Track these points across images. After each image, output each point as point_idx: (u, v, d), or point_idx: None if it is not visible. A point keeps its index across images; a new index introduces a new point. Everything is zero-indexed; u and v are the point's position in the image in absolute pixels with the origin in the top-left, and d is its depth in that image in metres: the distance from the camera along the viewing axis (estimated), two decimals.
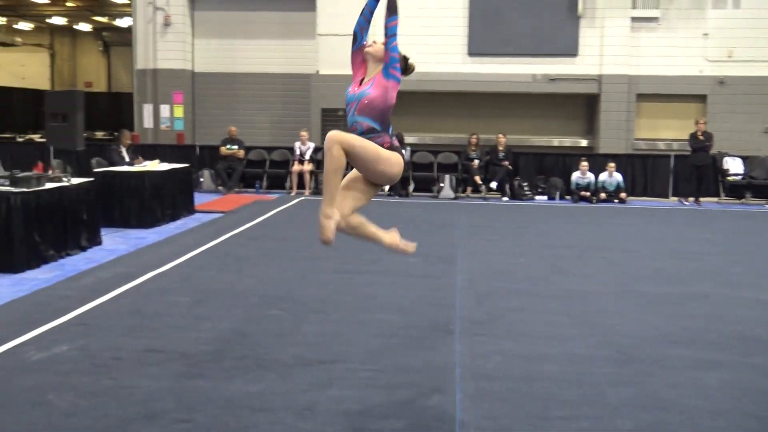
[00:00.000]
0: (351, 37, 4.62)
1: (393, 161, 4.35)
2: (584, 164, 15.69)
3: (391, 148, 4.36)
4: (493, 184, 15.81)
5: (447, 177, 15.95)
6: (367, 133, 4.33)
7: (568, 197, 15.89)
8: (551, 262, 8.83)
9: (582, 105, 18.62)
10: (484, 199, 15.78)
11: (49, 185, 8.50)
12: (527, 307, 6.71)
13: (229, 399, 4.40)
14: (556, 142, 18.65)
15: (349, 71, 4.61)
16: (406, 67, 4.57)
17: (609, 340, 5.75)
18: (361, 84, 4.46)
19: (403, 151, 16.25)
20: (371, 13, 4.58)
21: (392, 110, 4.45)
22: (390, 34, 4.33)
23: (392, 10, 4.31)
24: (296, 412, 4.23)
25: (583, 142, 18.58)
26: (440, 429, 4.09)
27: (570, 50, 17.60)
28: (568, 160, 16.57)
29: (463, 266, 8.46)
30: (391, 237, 4.56)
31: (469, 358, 5.24)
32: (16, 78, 31.93)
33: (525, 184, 16.05)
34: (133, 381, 4.64)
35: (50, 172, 9.23)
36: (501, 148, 16.11)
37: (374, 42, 4.48)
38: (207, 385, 4.58)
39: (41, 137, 21.65)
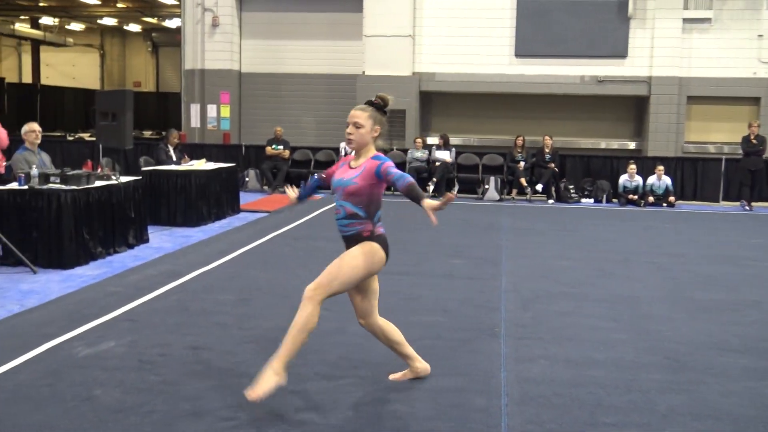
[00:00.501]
0: (396, 39, 4.63)
1: (374, 262, 4.31)
2: (632, 167, 15.46)
3: (371, 237, 4.31)
4: (539, 187, 15.67)
5: (492, 179, 15.85)
6: (349, 218, 4.30)
7: (615, 200, 15.68)
8: (598, 265, 8.70)
9: (631, 107, 18.37)
10: (530, 201, 15.64)
11: (98, 183, 8.61)
12: (574, 311, 6.61)
13: (274, 398, 4.38)
14: (603, 144, 18.44)
15: (394, 72, 4.64)
16: (385, 104, 4.44)
17: (658, 346, 5.63)
18: (349, 167, 4.36)
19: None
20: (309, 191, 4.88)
21: (381, 200, 4.36)
22: (393, 186, 4.16)
23: (406, 194, 4.06)
24: (341, 413, 4.21)
25: (631, 145, 18.34)
26: None
27: (619, 51, 17.39)
28: (615, 162, 16.35)
29: (508, 268, 8.38)
30: (424, 367, 4.73)
31: (515, 362, 5.18)
32: (67, 78, 32.58)
33: (571, 186, 15.88)
34: (179, 378, 4.67)
35: (99, 170, 9.35)
36: (547, 150, 15.96)
37: (355, 128, 4.29)
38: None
39: (91, 136, 22.02)
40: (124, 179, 9.24)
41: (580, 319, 6.35)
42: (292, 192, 4.94)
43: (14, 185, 8.11)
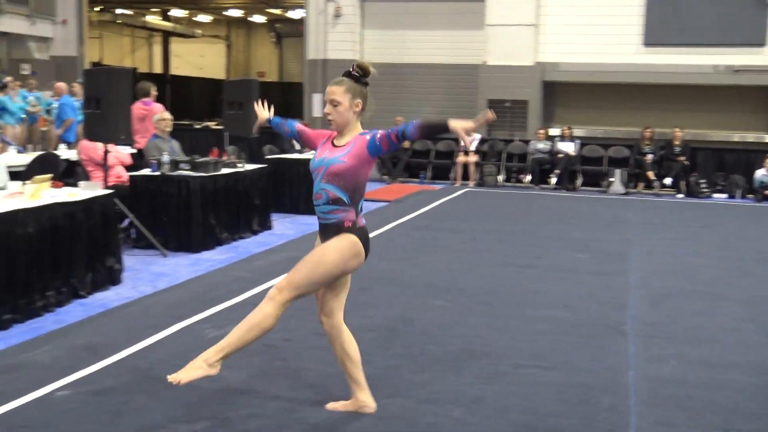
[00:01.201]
0: (519, 28, 4.30)
1: (352, 259, 3.75)
2: None
3: (353, 228, 3.76)
4: (668, 180, 15.07)
5: (617, 171, 15.35)
6: (332, 203, 3.75)
7: (750, 196, 14.90)
8: (734, 264, 8.27)
9: None
10: (657, 195, 15.06)
11: (224, 170, 8.83)
12: (708, 310, 6.30)
13: (396, 388, 4.37)
14: (736, 137, 17.53)
15: (516, 62, 4.38)
16: (365, 74, 3.98)
17: None
18: (333, 145, 3.90)
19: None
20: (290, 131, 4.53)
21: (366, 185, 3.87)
22: (404, 139, 3.81)
23: (424, 134, 3.78)
24: (463, 405, 4.15)
25: None
26: None
27: (757, 39, 16.47)
28: (751, 156, 15.53)
29: (636, 264, 8.08)
30: (368, 402, 3.99)
31: (644, 361, 4.97)
32: (195, 68, 33.65)
33: (702, 181, 15.19)
34: (302, 363, 4.71)
35: (225, 157, 9.59)
36: (677, 143, 15.34)
37: (333, 106, 3.93)
38: (373, 373, 4.54)
39: (217, 124, 22.65)
40: (249, 167, 9.44)
41: (716, 319, 6.05)
42: (264, 112, 4.57)
43: (147, 171, 8.42)
